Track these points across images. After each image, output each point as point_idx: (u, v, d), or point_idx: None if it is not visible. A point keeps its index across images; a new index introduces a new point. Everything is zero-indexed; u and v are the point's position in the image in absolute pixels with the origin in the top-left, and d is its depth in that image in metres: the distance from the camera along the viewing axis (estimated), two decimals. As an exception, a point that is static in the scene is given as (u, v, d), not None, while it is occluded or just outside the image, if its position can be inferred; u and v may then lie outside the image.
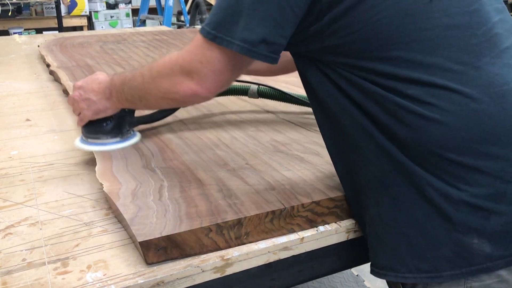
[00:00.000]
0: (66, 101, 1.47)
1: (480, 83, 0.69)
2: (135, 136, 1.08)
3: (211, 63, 0.75)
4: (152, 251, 0.70)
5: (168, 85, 0.81)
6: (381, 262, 0.75)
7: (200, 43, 0.76)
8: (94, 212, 0.83)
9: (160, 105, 0.93)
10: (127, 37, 2.51)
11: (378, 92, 0.71)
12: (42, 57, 2.08)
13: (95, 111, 0.98)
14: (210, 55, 0.75)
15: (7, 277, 0.68)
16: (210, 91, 0.78)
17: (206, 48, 0.75)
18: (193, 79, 0.77)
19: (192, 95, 0.78)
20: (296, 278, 0.82)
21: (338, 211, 0.83)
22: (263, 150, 1.01)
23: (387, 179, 0.72)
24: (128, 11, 6.29)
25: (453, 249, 0.69)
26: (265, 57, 0.73)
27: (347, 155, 0.78)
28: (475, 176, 0.68)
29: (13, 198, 0.89)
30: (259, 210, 0.76)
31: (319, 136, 0.86)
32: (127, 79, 0.91)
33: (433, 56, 0.69)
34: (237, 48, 0.72)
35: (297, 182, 0.86)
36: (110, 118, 1.02)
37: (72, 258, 0.71)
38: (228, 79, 0.78)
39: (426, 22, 0.70)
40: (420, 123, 0.69)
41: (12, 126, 1.27)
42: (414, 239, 0.71)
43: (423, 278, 0.71)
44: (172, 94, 0.81)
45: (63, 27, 5.35)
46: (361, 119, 0.73)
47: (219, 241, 0.74)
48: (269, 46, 0.72)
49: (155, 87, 0.84)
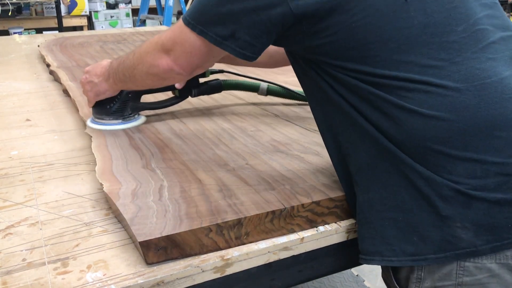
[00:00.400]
0: (66, 101, 1.48)
1: (459, 77, 0.71)
2: (138, 119, 1.19)
3: (184, 45, 0.83)
4: (152, 251, 0.70)
5: (150, 60, 0.89)
6: (369, 248, 0.76)
7: (180, 25, 0.83)
8: (94, 212, 0.83)
9: (146, 82, 0.96)
10: (127, 37, 2.51)
11: (361, 87, 0.74)
12: (42, 57, 2.08)
13: (96, 92, 1.11)
14: (184, 38, 0.82)
15: (7, 277, 0.68)
16: (184, 68, 0.86)
17: (182, 30, 0.82)
18: (169, 55, 0.86)
19: (168, 70, 0.87)
20: (296, 278, 0.82)
21: (338, 211, 0.83)
22: (263, 150, 1.02)
23: (376, 164, 0.75)
24: (128, 11, 6.30)
25: (438, 233, 0.70)
26: (233, 50, 0.78)
27: (339, 144, 0.81)
28: (456, 165, 0.70)
29: (13, 198, 0.89)
30: (259, 210, 0.76)
31: (319, 136, 0.87)
32: (122, 60, 1.01)
33: (410, 54, 0.72)
34: (210, 39, 0.79)
35: (297, 182, 0.86)
36: (113, 101, 1.14)
37: (72, 258, 0.71)
38: (199, 63, 0.86)
39: (402, 21, 0.72)
40: (402, 115, 0.71)
41: (12, 126, 1.27)
42: (401, 223, 0.73)
43: (408, 261, 0.73)
44: (154, 68, 0.89)
45: (63, 27, 5.35)
46: (349, 111, 0.76)
47: (219, 241, 0.74)
48: (237, 42, 0.77)
49: (141, 62, 0.92)
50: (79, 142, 1.14)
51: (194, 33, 0.80)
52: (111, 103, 1.14)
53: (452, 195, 0.70)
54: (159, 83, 0.96)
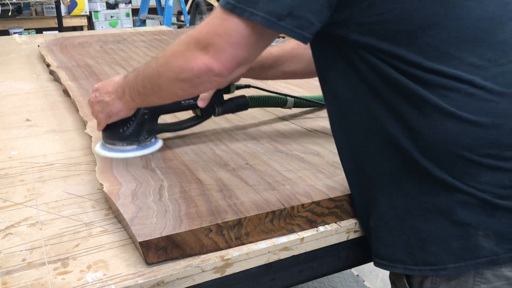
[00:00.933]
0: (66, 101, 1.48)
1: (502, 81, 0.67)
2: (155, 144, 1.02)
3: (229, 34, 0.70)
4: (152, 251, 0.70)
5: (181, 62, 0.75)
6: (389, 255, 0.75)
7: (219, 14, 0.71)
8: (94, 212, 0.83)
9: (174, 91, 0.81)
10: (127, 37, 2.51)
11: (400, 80, 0.69)
12: (42, 57, 2.08)
13: (108, 113, 0.94)
14: (228, 27, 0.70)
15: (7, 277, 0.68)
16: (226, 66, 0.72)
17: (224, 19, 0.70)
18: (208, 52, 0.72)
19: (206, 71, 0.73)
20: (296, 278, 0.82)
21: (338, 211, 0.83)
22: (263, 150, 1.01)
23: (400, 172, 0.72)
24: (128, 11, 6.30)
25: (459, 242, 0.69)
26: (291, 32, 0.68)
27: (357, 147, 0.77)
28: (484, 174, 0.68)
29: (13, 198, 0.89)
30: (259, 210, 0.76)
31: (319, 136, 0.87)
32: (141, 71, 0.86)
33: (460, 49, 0.67)
34: (261, 21, 0.67)
35: (297, 182, 0.86)
36: (127, 123, 0.97)
37: (72, 258, 0.71)
38: (246, 56, 0.73)
39: (459, 11, 0.67)
40: (438, 117, 0.68)
41: (12, 126, 1.27)
42: (423, 232, 0.71)
43: (428, 271, 0.71)
44: (186, 72, 0.75)
45: (63, 27, 5.35)
46: (378, 109, 0.72)
47: (219, 241, 0.74)
48: (295, 21, 0.67)
49: (168, 68, 0.78)
50: (79, 142, 1.14)
51: (241, 19, 0.69)
52: (125, 126, 0.97)
53: (476, 203, 0.68)
54: (191, 91, 0.81)
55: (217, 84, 0.77)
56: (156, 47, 2.21)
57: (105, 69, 1.75)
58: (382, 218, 0.76)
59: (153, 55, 2.01)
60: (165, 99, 0.88)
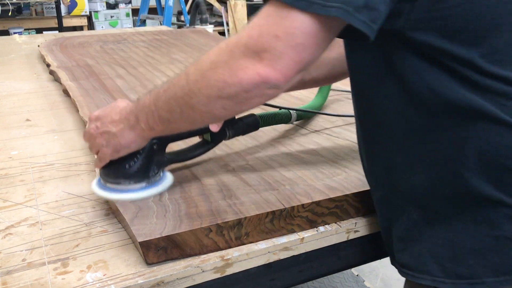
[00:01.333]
0: (66, 101, 1.48)
1: None
2: (164, 178, 0.85)
3: (292, 35, 0.58)
4: (152, 251, 0.70)
5: (226, 75, 0.62)
6: (415, 264, 0.72)
7: (273, 12, 0.59)
8: (94, 212, 0.83)
9: (212, 112, 0.66)
10: (127, 37, 2.51)
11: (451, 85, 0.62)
12: (42, 57, 2.08)
13: (115, 147, 0.77)
14: (291, 25, 0.57)
15: (7, 277, 0.68)
16: (285, 75, 0.60)
17: (283, 16, 0.58)
18: (262, 59, 0.59)
19: (259, 82, 0.60)
20: (296, 278, 0.82)
21: (338, 212, 0.83)
22: (263, 150, 1.02)
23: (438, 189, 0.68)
24: (128, 11, 6.29)
25: (499, 255, 0.66)
26: (365, 26, 0.57)
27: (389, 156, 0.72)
28: None
29: (13, 198, 0.89)
30: (259, 211, 0.76)
31: (319, 136, 0.87)
32: (161, 91, 0.71)
33: None
34: (337, 12, 0.56)
35: (297, 182, 0.86)
36: (134, 158, 0.80)
37: (72, 258, 0.71)
38: (309, 60, 0.61)
39: None
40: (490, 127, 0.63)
41: (12, 126, 1.27)
42: (459, 244, 0.68)
43: (464, 285, 0.67)
44: (232, 86, 0.62)
45: (63, 27, 5.35)
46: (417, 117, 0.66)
47: (219, 241, 0.74)
48: (371, 12, 0.57)
49: (206, 83, 0.64)
50: (79, 142, 1.14)
51: (307, 14, 0.57)
52: (131, 161, 0.80)
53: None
54: (235, 110, 0.68)
55: (267, 98, 0.64)
56: (156, 47, 2.20)
57: (105, 69, 1.75)
58: (412, 228, 0.72)
59: (153, 56, 2.01)
60: (198, 123, 0.73)
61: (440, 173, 0.67)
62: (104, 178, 0.82)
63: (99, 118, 0.79)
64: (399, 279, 0.78)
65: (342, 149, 1.02)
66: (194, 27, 3.98)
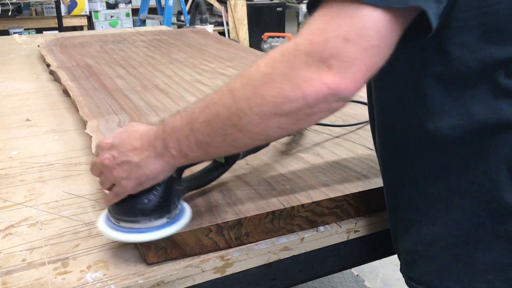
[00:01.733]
0: (66, 101, 1.48)
1: None
2: (184, 211, 0.73)
3: (366, 36, 0.51)
4: (152, 251, 0.70)
5: (286, 89, 0.53)
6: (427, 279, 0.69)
7: (337, 13, 0.51)
8: (94, 212, 0.83)
9: (265, 132, 0.57)
10: (127, 37, 2.51)
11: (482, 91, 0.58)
12: (42, 57, 2.08)
13: (139, 179, 0.65)
14: (363, 25, 0.50)
15: (7, 277, 0.68)
16: (357, 83, 0.52)
17: (352, 15, 0.51)
18: (331, 68, 0.51)
19: (328, 95, 0.52)
20: (296, 278, 0.82)
21: (338, 212, 0.83)
22: (263, 150, 1.01)
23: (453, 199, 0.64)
24: (128, 11, 6.29)
25: None
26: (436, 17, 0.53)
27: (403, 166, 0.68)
28: None
29: (13, 198, 0.89)
30: (259, 211, 0.76)
31: (319, 136, 0.87)
32: (196, 112, 0.61)
33: None
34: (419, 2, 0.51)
35: (297, 182, 0.86)
36: (153, 190, 0.67)
37: (72, 258, 0.71)
38: (380, 64, 0.54)
39: None
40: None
41: (12, 126, 1.27)
42: (477, 259, 0.64)
43: None
44: (293, 102, 0.53)
45: (63, 27, 5.35)
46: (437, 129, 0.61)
47: (219, 241, 0.74)
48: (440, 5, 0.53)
49: (260, 100, 0.54)
50: (79, 142, 1.14)
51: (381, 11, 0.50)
52: (150, 194, 0.67)
53: None
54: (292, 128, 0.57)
55: (330, 114, 0.56)
56: (156, 47, 2.20)
57: (105, 69, 1.75)
58: (425, 243, 0.69)
59: (153, 55, 2.01)
60: (244, 146, 0.61)
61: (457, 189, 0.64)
62: (116, 217, 0.69)
63: (115, 146, 0.66)
64: (399, 279, 0.78)
65: (342, 149, 1.02)
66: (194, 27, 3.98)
